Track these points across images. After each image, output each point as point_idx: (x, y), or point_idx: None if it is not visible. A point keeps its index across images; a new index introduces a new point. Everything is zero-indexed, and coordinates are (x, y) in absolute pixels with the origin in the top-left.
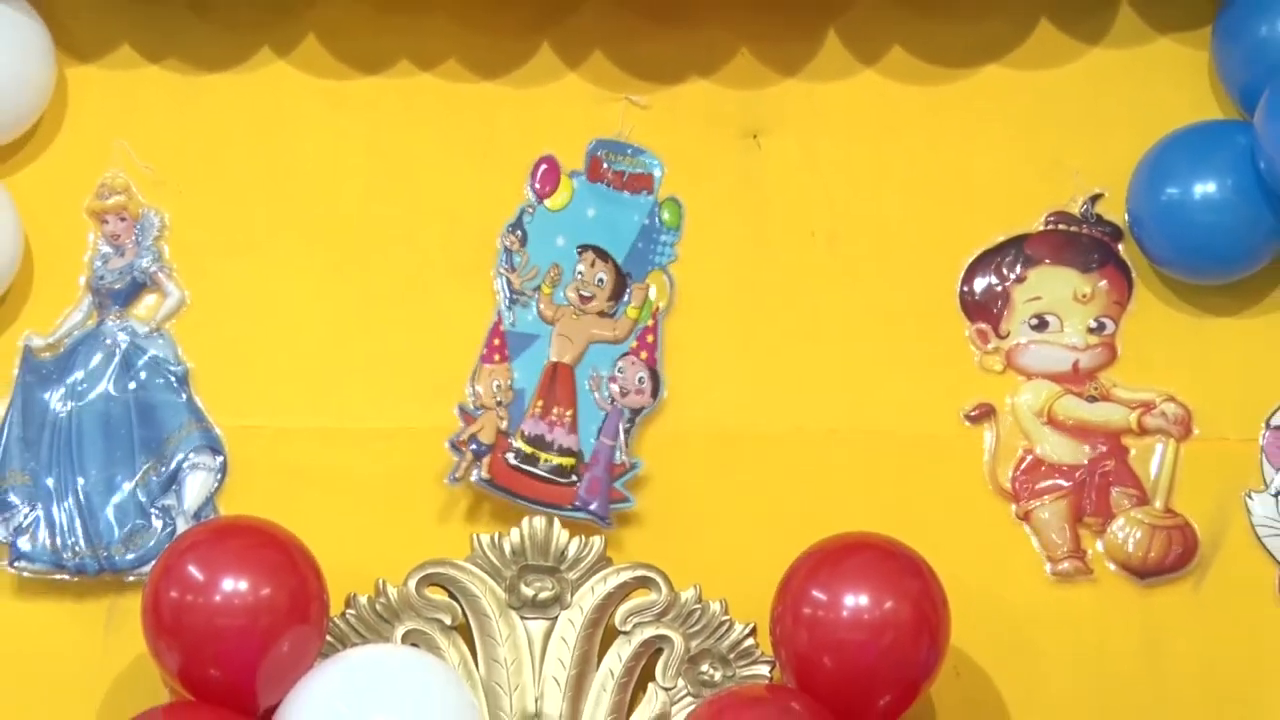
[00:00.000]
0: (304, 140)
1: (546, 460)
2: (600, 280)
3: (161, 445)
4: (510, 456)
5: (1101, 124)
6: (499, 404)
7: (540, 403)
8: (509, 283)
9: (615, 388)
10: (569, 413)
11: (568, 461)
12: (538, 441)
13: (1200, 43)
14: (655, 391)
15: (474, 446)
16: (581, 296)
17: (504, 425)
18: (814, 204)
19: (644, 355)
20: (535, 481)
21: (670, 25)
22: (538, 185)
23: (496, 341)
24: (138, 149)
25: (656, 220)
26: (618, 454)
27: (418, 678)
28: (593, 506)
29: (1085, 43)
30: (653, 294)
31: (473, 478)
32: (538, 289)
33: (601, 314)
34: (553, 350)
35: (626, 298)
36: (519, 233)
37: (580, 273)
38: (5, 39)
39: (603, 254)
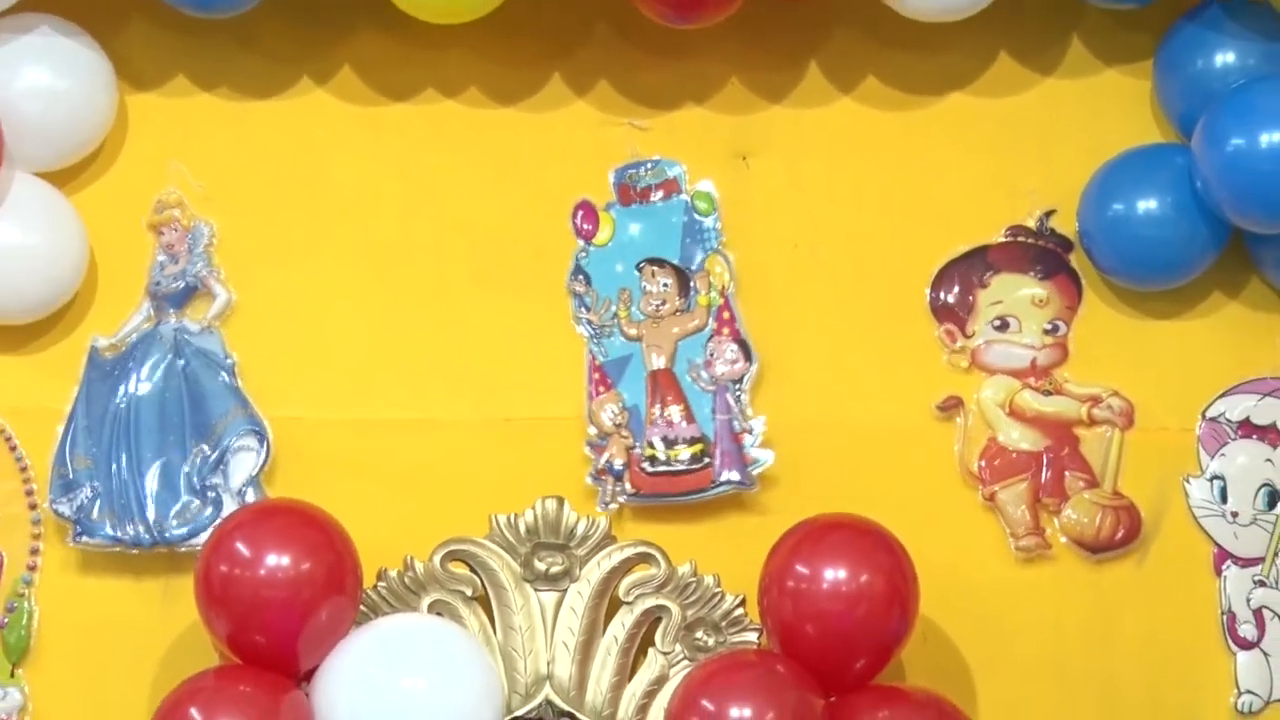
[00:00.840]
0: (339, 159)
1: (678, 454)
2: (665, 285)
3: (210, 430)
4: (646, 466)
5: (1054, 146)
6: (618, 427)
7: (654, 409)
8: (589, 323)
9: (711, 371)
10: (681, 407)
11: (698, 448)
12: (666, 442)
13: (1143, 74)
14: (749, 357)
15: (612, 471)
16: (655, 306)
17: (631, 444)
18: (797, 218)
19: (727, 331)
20: (675, 478)
21: (667, 57)
22: (584, 228)
23: (596, 376)
24: (191, 168)
25: (694, 214)
26: (735, 423)
27: (442, 643)
28: (734, 476)
29: (1040, 74)
30: (715, 274)
31: (622, 500)
32: (615, 316)
33: (677, 312)
34: (648, 362)
35: (694, 289)
36: (581, 276)
37: (646, 287)
38: (72, 70)
39: (659, 262)
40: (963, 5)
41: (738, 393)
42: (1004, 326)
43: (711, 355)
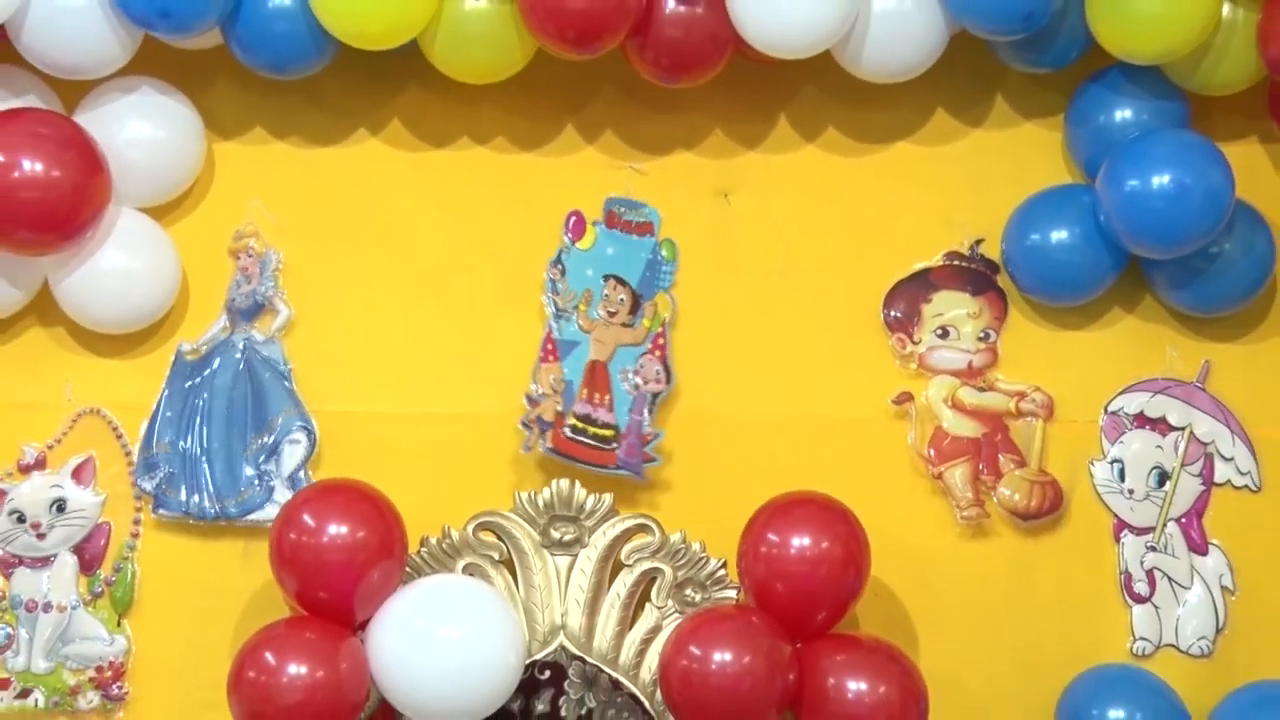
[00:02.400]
0: (388, 197)
1: (594, 432)
2: (621, 300)
3: (267, 425)
4: (567, 430)
5: (982, 186)
6: (555, 392)
7: (585, 390)
8: (555, 304)
9: (638, 378)
10: (607, 397)
11: (608, 433)
12: (586, 419)
13: (1055, 126)
14: (668, 379)
15: (540, 424)
16: (609, 312)
17: (560, 408)
18: (771, 247)
19: (657, 353)
20: (586, 448)
21: (662, 112)
22: (570, 233)
23: (549, 347)
24: (265, 204)
25: (659, 256)
26: (645, 426)
27: (474, 599)
28: (628, 467)
29: (970, 126)
30: (660, 309)
31: (541, 448)
32: (576, 308)
33: (624, 325)
34: (591, 352)
35: (641, 312)
36: (559, 267)
37: (606, 295)
38: (169, 122)
39: (622, 281)
40: (906, 69)
41: (652, 404)
42: (945, 335)
43: (641, 367)
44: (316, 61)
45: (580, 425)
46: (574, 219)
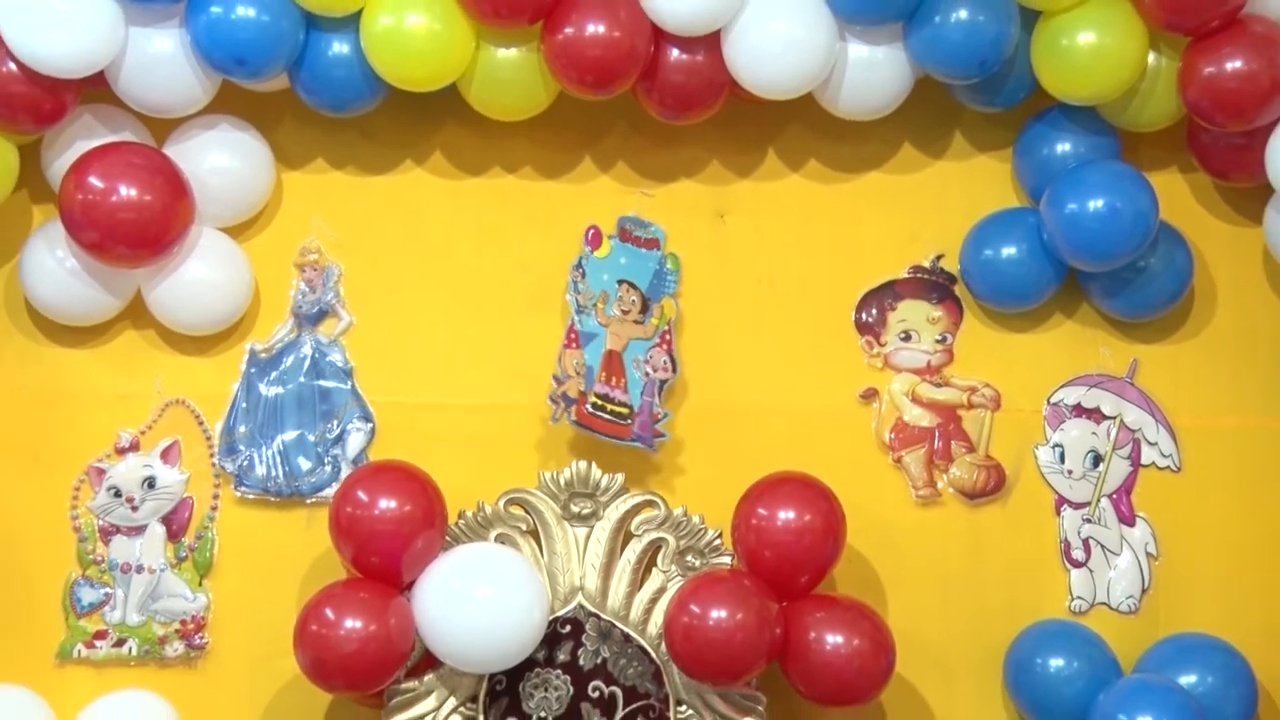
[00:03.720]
0: (432, 218)
1: (611, 409)
2: (634, 301)
3: (333, 415)
4: (589, 407)
5: (943, 209)
6: (578, 374)
7: (604, 374)
8: (577, 300)
9: (649, 367)
10: (622, 381)
11: (624, 410)
12: (604, 398)
13: (1005, 158)
14: (674, 369)
15: (566, 399)
16: (623, 311)
17: (583, 387)
18: (760, 260)
19: (664, 346)
20: (605, 422)
21: (667, 146)
22: (589, 243)
23: (573, 335)
24: (327, 224)
25: (664, 267)
26: (655, 407)
27: (505, 563)
28: (641, 441)
29: (932, 158)
30: (666, 311)
31: (567, 419)
32: (594, 305)
33: (636, 322)
34: (608, 343)
35: (650, 313)
36: (580, 269)
37: (620, 296)
38: (243, 154)
39: (633, 286)
40: (877, 108)
41: (661, 389)
42: (907, 338)
43: (651, 358)
44: (369, 102)
45: (600, 403)
46: (592, 231)
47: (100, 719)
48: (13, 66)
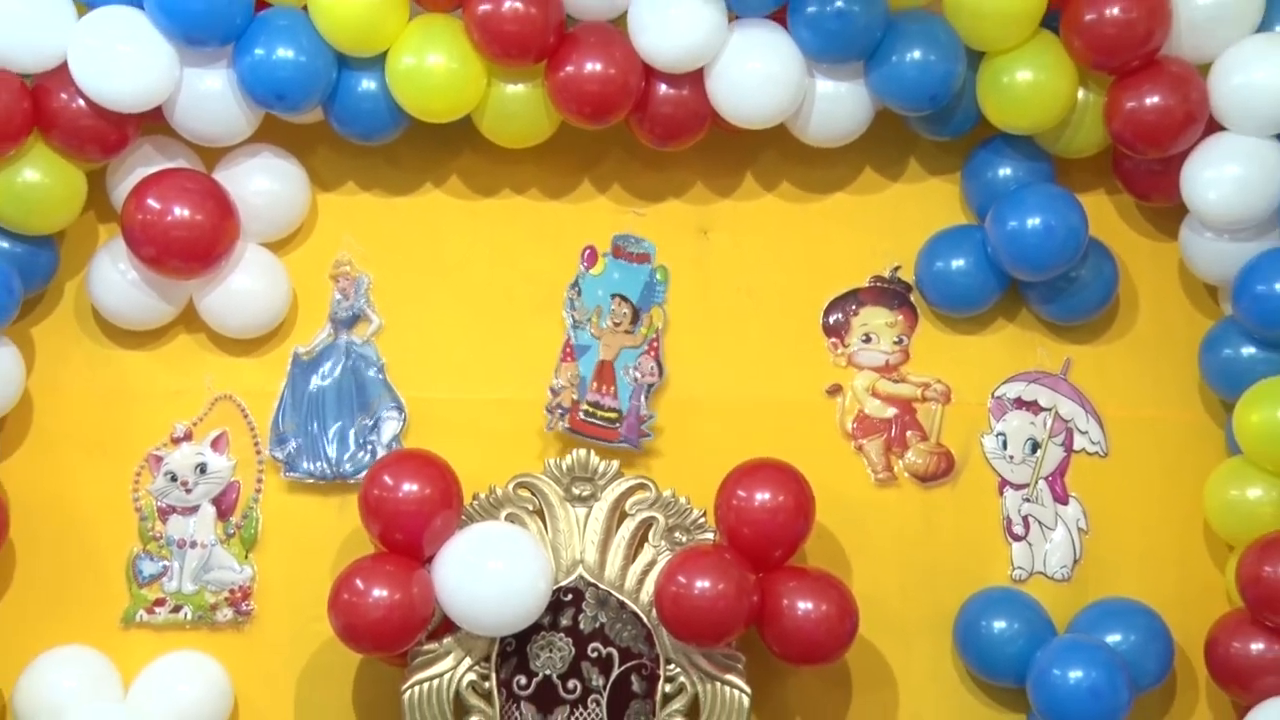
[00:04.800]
0: (449, 235)
1: (602, 415)
2: (625, 314)
3: (368, 407)
4: (581, 414)
5: (900, 225)
6: (571, 384)
7: (595, 383)
8: (573, 317)
9: (637, 373)
10: (612, 388)
11: (613, 415)
12: (596, 405)
13: (954, 181)
14: (660, 374)
15: (560, 409)
16: (614, 323)
17: (575, 397)
18: (740, 272)
19: (652, 353)
20: (595, 427)
21: (656, 169)
22: (584, 263)
23: (568, 349)
24: (357, 240)
25: (654, 279)
26: (641, 410)
27: (514, 540)
28: (628, 442)
29: (890, 180)
30: (655, 319)
31: (560, 428)
32: (589, 320)
33: (627, 331)
34: (600, 353)
35: (640, 322)
36: (576, 289)
37: (613, 310)
38: (283, 178)
39: (625, 298)
40: (842, 137)
41: (647, 392)
42: (869, 339)
43: (639, 365)
44: (394, 132)
45: (591, 410)
46: (588, 251)
47: (159, 676)
48: (82, 103)
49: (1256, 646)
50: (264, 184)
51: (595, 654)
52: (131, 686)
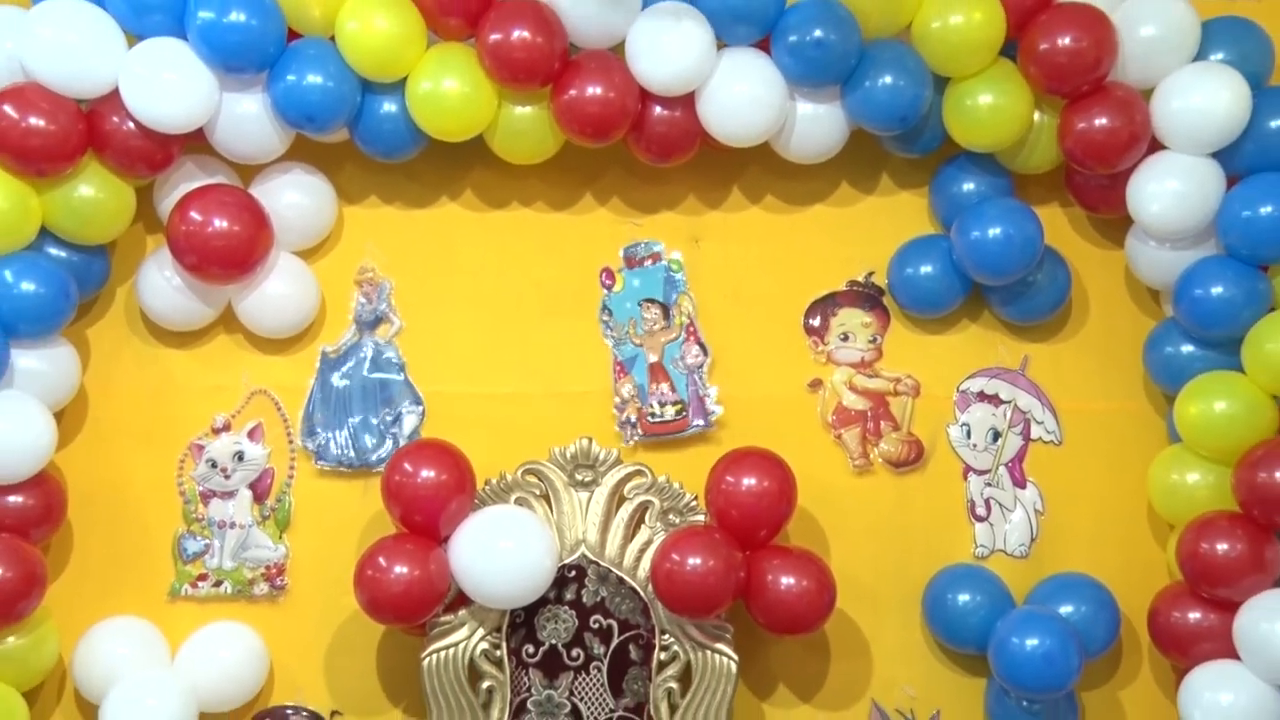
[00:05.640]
0: (464, 244)
1: (669, 411)
2: (656, 314)
3: (391, 401)
4: (650, 418)
5: (873, 235)
6: (633, 397)
7: (653, 386)
8: (612, 337)
9: (686, 359)
10: (668, 384)
11: (679, 407)
12: (660, 405)
13: (923, 195)
14: (706, 352)
15: (630, 423)
16: (649, 327)
17: (640, 406)
18: (728, 278)
19: (692, 339)
20: (666, 424)
21: (652, 183)
22: (606, 283)
23: (618, 367)
24: (379, 248)
25: (670, 272)
26: (701, 390)
27: (522, 521)
28: (700, 422)
29: (864, 194)
30: (684, 306)
31: (637, 438)
32: (627, 333)
33: (663, 329)
34: (648, 357)
35: (673, 316)
36: (607, 311)
37: (645, 316)
38: (312, 193)
39: (651, 300)
40: (820, 154)
41: (700, 372)
42: (846, 339)
43: (683, 353)
44: (412, 150)
45: (656, 411)
46: (605, 274)
47: (202, 644)
48: (131, 125)
49: (1194, 616)
50: (295, 198)
51: (596, 625)
52: (178, 653)
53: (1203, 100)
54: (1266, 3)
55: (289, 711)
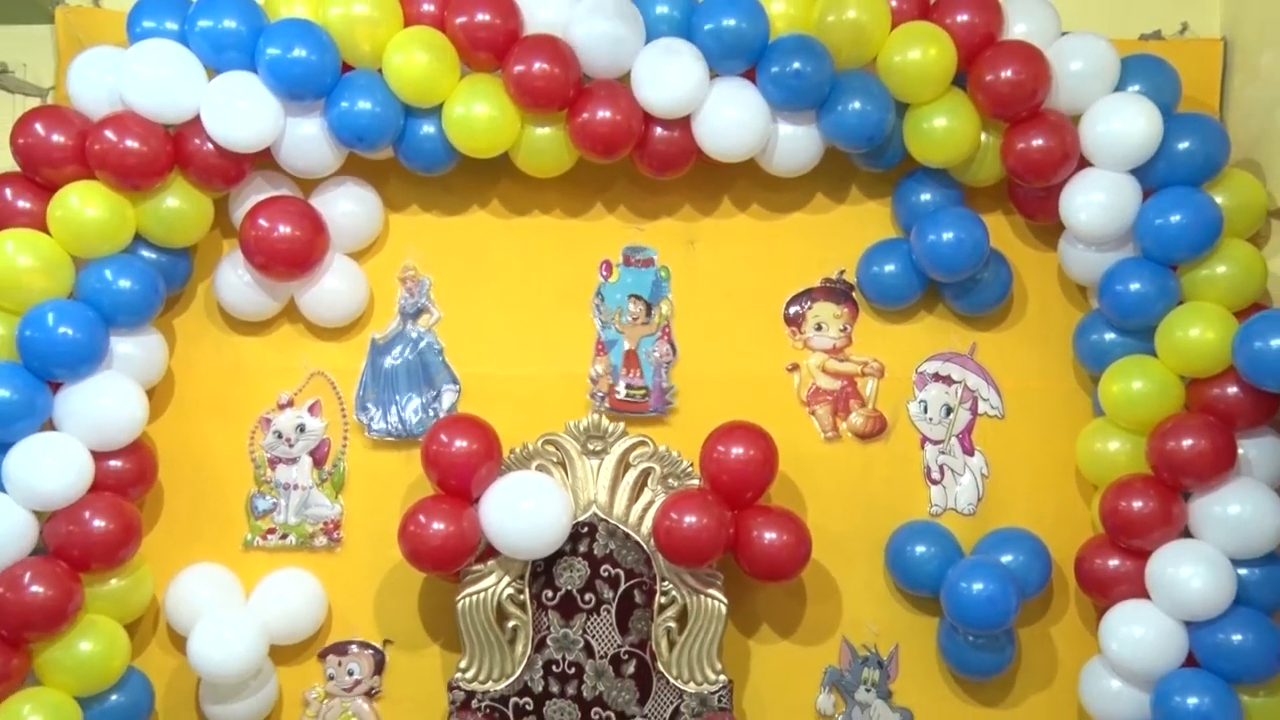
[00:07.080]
0: (492, 245)
1: (634, 392)
2: (640, 309)
3: (432, 382)
4: (618, 394)
5: (844, 238)
6: (606, 374)
7: (625, 369)
8: (600, 319)
9: (657, 354)
10: (638, 371)
11: (642, 391)
12: (628, 386)
13: (886, 204)
14: (674, 352)
15: (600, 394)
16: (633, 318)
17: (611, 382)
18: (721, 276)
19: (665, 337)
20: (630, 404)
21: (654, 194)
22: (603, 274)
23: (599, 346)
24: (419, 250)
25: (659, 278)
26: (664, 383)
27: (542, 485)
28: (658, 409)
29: (836, 203)
30: (664, 309)
31: (605, 408)
32: (613, 319)
33: (643, 323)
34: (626, 343)
35: (654, 314)
36: (599, 296)
37: (630, 308)
38: (362, 202)
39: (638, 297)
40: (798, 168)
41: (666, 368)
42: (820, 328)
43: (656, 349)
44: (448, 165)
45: (625, 390)
46: (604, 264)
47: (271, 588)
48: (210, 146)
49: (1113, 563)
50: (348, 207)
51: (606, 574)
52: (250, 595)
53: (1123, 125)
54: (1174, 44)
55: (352, 645)
